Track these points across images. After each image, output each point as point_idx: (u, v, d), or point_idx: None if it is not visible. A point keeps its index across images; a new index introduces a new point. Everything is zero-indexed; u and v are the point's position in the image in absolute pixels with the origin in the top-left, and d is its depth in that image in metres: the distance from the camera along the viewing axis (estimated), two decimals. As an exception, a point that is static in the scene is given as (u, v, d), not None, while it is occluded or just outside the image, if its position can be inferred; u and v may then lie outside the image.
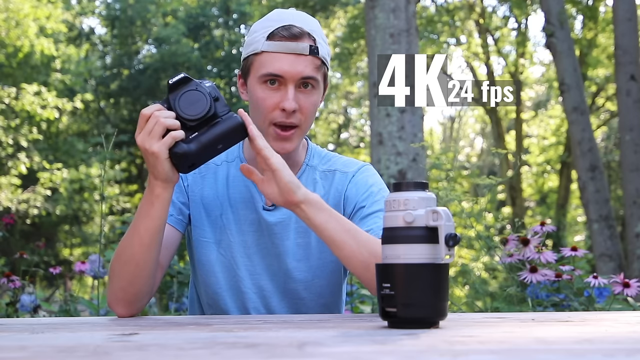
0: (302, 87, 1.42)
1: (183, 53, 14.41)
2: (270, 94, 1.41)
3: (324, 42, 1.46)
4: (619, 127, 8.48)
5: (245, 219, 1.50)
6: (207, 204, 1.51)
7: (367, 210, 1.46)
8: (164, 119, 1.22)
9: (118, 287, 1.34)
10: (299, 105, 1.41)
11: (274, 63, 1.40)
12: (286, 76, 1.39)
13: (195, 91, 1.26)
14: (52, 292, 4.80)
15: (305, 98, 1.42)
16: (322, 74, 1.45)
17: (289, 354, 0.73)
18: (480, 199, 2.27)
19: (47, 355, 0.74)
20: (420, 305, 0.99)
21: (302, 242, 1.49)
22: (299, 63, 1.40)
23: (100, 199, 9.83)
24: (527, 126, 16.95)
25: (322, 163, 1.56)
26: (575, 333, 0.94)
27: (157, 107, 1.25)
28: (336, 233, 1.29)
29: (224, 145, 1.28)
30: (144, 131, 1.23)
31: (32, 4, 12.05)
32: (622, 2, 8.11)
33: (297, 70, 1.39)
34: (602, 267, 7.77)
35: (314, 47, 1.41)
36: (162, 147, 1.22)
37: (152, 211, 1.29)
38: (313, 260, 1.50)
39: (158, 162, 1.23)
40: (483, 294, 3.11)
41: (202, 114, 1.25)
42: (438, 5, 14.69)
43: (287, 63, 1.39)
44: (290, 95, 1.39)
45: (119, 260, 1.34)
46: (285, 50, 1.40)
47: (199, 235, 1.52)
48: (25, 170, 12.06)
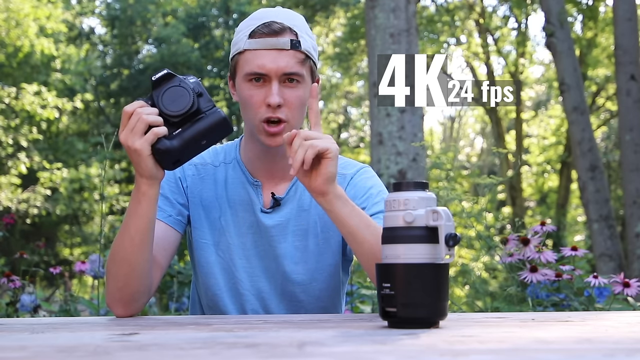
0: (287, 82, 1.41)
1: (183, 53, 14.41)
2: (256, 91, 1.41)
3: (308, 36, 1.46)
4: (619, 127, 8.48)
5: (243, 222, 1.50)
6: (206, 206, 1.51)
7: (367, 213, 1.46)
8: (146, 115, 1.22)
9: (114, 287, 1.35)
10: (285, 100, 1.41)
11: (256, 60, 1.40)
12: (269, 72, 1.40)
13: (179, 87, 1.25)
14: (52, 292, 4.80)
15: (290, 92, 1.42)
16: (307, 67, 1.44)
17: (289, 354, 0.73)
18: (481, 198, 2.27)
19: (47, 355, 0.74)
20: (420, 305, 0.99)
21: (300, 245, 1.49)
22: (281, 58, 1.40)
23: (100, 199, 9.84)
24: (527, 126, 16.95)
25: None
26: (575, 333, 0.94)
27: (140, 104, 1.24)
28: (358, 228, 1.29)
29: (208, 141, 1.27)
30: (127, 128, 1.22)
31: (32, 4, 12.05)
32: (622, 2, 8.11)
33: (279, 65, 1.39)
34: (602, 267, 7.77)
35: (296, 41, 1.41)
36: (145, 144, 1.22)
37: (140, 209, 1.29)
38: (311, 263, 1.50)
39: (141, 159, 1.23)
40: (483, 293, 3.11)
41: (184, 109, 1.24)
42: (438, 5, 14.69)
43: (268, 59, 1.40)
44: (274, 90, 1.39)
45: (113, 261, 1.34)
46: (266, 46, 1.40)
47: (198, 236, 1.52)
48: (25, 170, 12.06)
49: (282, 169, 1.50)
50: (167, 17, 16.13)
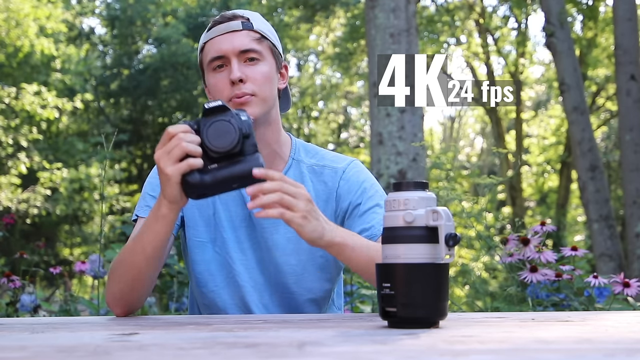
0: (248, 61, 1.45)
1: (183, 53, 14.40)
2: (220, 76, 1.45)
3: (263, 23, 1.51)
4: (619, 127, 8.48)
5: (236, 215, 1.52)
6: (199, 204, 1.52)
7: (363, 207, 1.48)
8: (186, 143, 1.17)
9: (118, 289, 1.35)
10: (247, 76, 1.43)
11: (214, 46, 1.46)
12: (226, 53, 1.44)
13: (228, 123, 1.20)
14: (52, 292, 4.80)
15: (252, 69, 1.45)
16: (265, 46, 1.48)
17: (289, 354, 0.73)
18: (480, 198, 2.27)
19: (47, 355, 0.74)
20: (420, 305, 0.99)
21: (292, 236, 1.48)
22: (235, 38, 1.45)
23: (100, 199, 9.83)
24: (527, 126, 16.95)
25: (308, 157, 1.56)
26: (575, 333, 0.94)
27: (184, 129, 1.19)
28: (359, 263, 1.30)
29: (239, 185, 1.22)
30: (164, 150, 1.19)
31: (32, 4, 12.04)
32: (622, 2, 8.11)
33: (233, 45, 1.44)
34: (602, 267, 7.77)
35: (247, 22, 1.47)
36: (176, 172, 1.18)
37: (156, 227, 1.29)
38: (303, 255, 1.50)
39: (169, 184, 1.20)
40: (483, 293, 3.11)
41: (227, 148, 1.19)
42: (438, 5, 14.69)
43: (223, 42, 1.45)
44: (234, 67, 1.43)
45: (121, 265, 1.35)
46: (220, 32, 1.46)
47: (193, 235, 1.53)
48: (25, 170, 12.05)
49: (266, 158, 1.49)
50: (167, 17, 16.12)
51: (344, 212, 1.51)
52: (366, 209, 1.47)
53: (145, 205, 1.50)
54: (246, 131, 1.21)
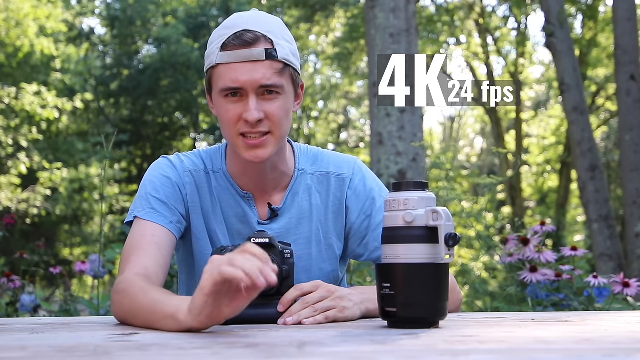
0: (266, 94, 1.33)
1: (183, 53, 14.40)
2: (233, 106, 1.33)
3: (286, 41, 1.36)
4: (619, 127, 8.48)
5: (238, 235, 1.45)
6: (205, 216, 1.46)
7: (374, 221, 1.47)
8: None
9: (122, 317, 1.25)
10: (265, 113, 1.33)
11: (230, 75, 1.31)
12: (244, 86, 1.31)
13: None
14: (52, 292, 4.80)
15: (270, 105, 1.33)
16: (286, 76, 1.35)
17: (289, 354, 0.73)
18: (480, 198, 2.28)
19: (47, 355, 0.74)
20: (420, 305, 0.99)
21: (302, 253, 1.45)
22: (256, 71, 1.30)
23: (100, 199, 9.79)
24: (527, 126, 16.94)
25: (310, 164, 1.51)
26: (575, 333, 0.94)
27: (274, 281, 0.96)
28: None
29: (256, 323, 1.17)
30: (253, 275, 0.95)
31: (32, 4, 12.04)
32: (622, 2, 8.11)
33: (254, 78, 1.30)
34: (602, 267, 7.77)
35: (271, 49, 1.31)
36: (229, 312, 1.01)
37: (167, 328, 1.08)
38: (314, 271, 1.48)
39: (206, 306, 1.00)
40: (483, 293, 3.11)
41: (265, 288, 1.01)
42: (438, 5, 14.68)
43: (243, 73, 1.30)
44: (252, 105, 1.31)
45: (132, 318, 1.20)
46: (239, 59, 1.31)
47: (201, 247, 1.46)
48: (25, 170, 12.05)
49: (273, 181, 1.46)
50: (167, 17, 16.12)
51: (353, 223, 1.49)
52: (379, 222, 1.44)
53: (149, 207, 1.39)
54: (287, 274, 1.21)
